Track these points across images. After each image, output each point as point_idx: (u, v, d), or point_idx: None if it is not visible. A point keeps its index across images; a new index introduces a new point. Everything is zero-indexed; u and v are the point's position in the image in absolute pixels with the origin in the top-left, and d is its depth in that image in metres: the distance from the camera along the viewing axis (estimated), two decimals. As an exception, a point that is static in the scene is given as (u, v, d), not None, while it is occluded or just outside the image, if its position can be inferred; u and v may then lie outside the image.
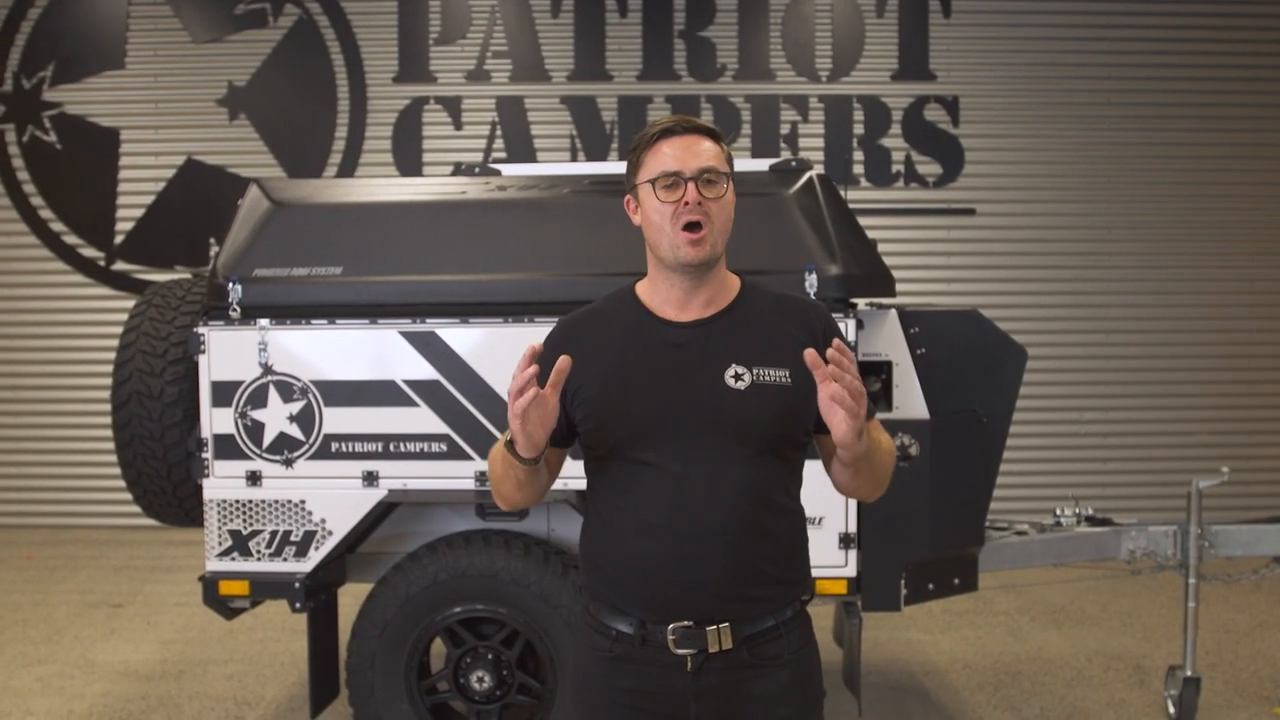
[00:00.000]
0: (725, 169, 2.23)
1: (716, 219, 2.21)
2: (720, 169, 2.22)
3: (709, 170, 2.20)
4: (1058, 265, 9.11)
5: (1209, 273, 9.11)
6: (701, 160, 2.20)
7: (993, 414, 4.37)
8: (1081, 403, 9.12)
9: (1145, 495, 8.77)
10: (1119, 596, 6.93)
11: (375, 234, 4.15)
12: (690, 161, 2.19)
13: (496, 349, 4.02)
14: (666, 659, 2.21)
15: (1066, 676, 5.55)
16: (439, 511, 4.39)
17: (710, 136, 2.25)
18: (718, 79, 9.18)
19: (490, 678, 4.14)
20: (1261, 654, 5.89)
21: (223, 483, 4.07)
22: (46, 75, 9.25)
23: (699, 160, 2.19)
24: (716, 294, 2.29)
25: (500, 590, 4.06)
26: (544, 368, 2.28)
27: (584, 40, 9.21)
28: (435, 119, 9.24)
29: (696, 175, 2.19)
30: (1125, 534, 4.84)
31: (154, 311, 4.29)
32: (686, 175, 2.19)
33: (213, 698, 5.29)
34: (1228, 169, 9.08)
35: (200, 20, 9.24)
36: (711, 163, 2.20)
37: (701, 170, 2.19)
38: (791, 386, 2.23)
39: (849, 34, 9.15)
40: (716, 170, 2.21)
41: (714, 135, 2.26)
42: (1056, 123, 9.10)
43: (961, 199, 9.13)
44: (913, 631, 6.27)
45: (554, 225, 4.17)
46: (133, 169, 9.29)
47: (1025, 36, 9.10)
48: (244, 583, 4.11)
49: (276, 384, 4.04)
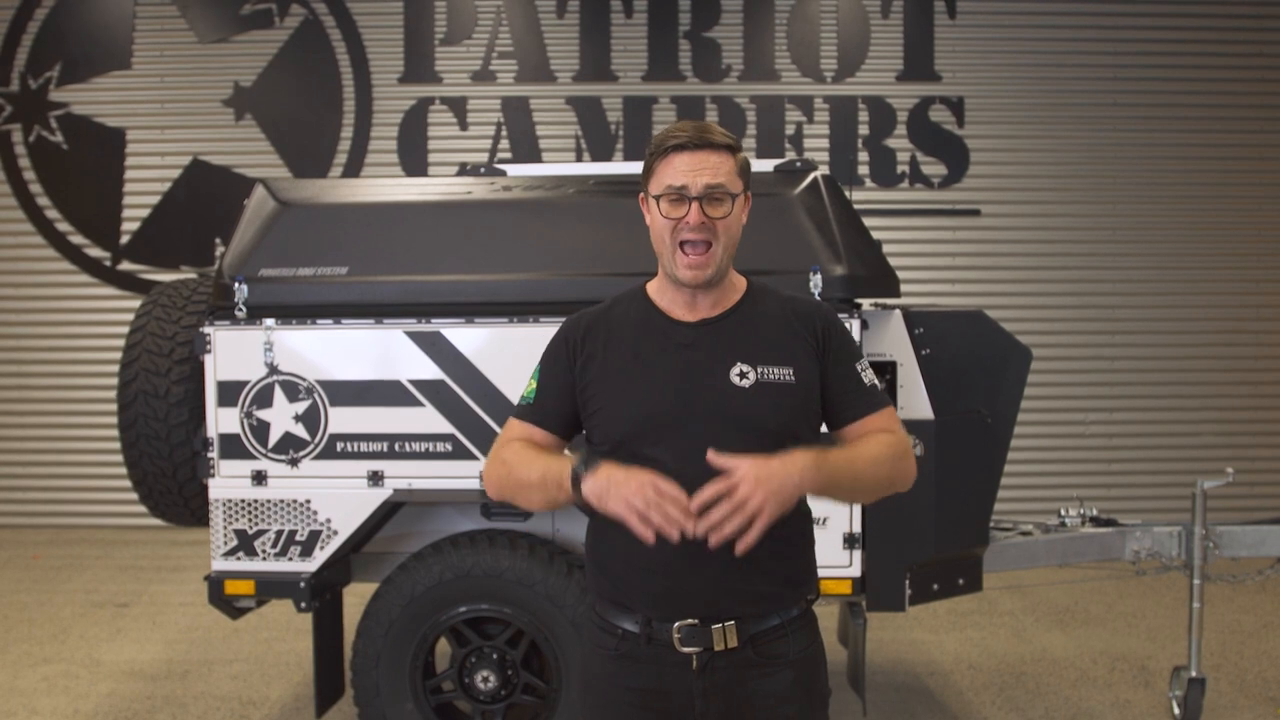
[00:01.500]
0: (735, 188, 2.23)
1: (721, 236, 2.22)
2: (729, 188, 2.22)
3: (716, 188, 2.20)
4: (1063, 266, 9.10)
5: (1214, 274, 9.10)
6: (709, 178, 2.20)
7: (997, 414, 4.38)
8: (1086, 403, 9.11)
9: (1150, 496, 8.76)
10: (1124, 597, 6.93)
11: (381, 234, 4.15)
12: (698, 179, 2.20)
13: (502, 349, 4.02)
14: (672, 657, 2.22)
15: (1071, 677, 5.55)
16: (444, 511, 4.40)
17: (725, 150, 2.23)
18: (723, 80, 9.18)
19: (495, 678, 4.14)
20: (1266, 655, 5.88)
21: (228, 482, 4.08)
22: (53, 75, 9.27)
23: (706, 178, 2.20)
24: (723, 295, 2.32)
25: (505, 590, 4.06)
26: (555, 358, 2.33)
27: (589, 41, 9.21)
28: (441, 119, 9.24)
29: (702, 194, 2.19)
30: (1130, 535, 4.84)
31: (160, 311, 4.30)
32: (692, 194, 2.19)
33: (218, 697, 5.30)
34: (1233, 170, 9.07)
35: (206, 21, 9.26)
36: (720, 180, 2.21)
37: (708, 189, 2.20)
38: (795, 384, 2.25)
39: (854, 35, 9.15)
40: (725, 189, 2.21)
41: (729, 148, 2.25)
42: (1062, 124, 9.09)
43: (966, 200, 9.12)
44: (917, 632, 6.26)
45: (559, 225, 4.18)
46: (139, 169, 9.30)
47: (1031, 37, 9.09)
48: (249, 582, 4.12)
49: (282, 384, 4.04)
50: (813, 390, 2.28)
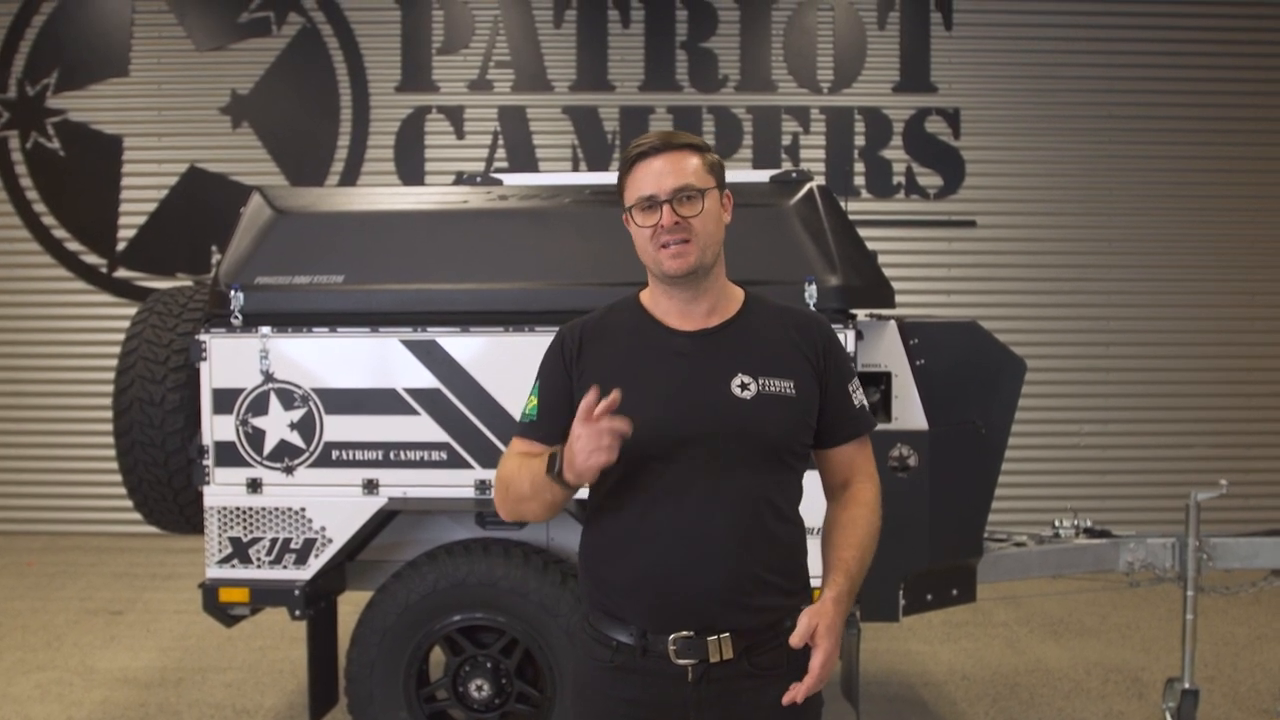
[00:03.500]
0: (704, 184, 2.24)
1: (700, 232, 2.22)
2: (697, 185, 2.23)
3: (684, 189, 2.21)
4: (1057, 278, 9.12)
5: (1208, 286, 9.12)
6: (675, 180, 2.21)
7: (991, 425, 4.39)
8: (1080, 414, 9.12)
9: (1144, 507, 8.76)
10: (1117, 608, 6.93)
11: (377, 243, 4.16)
12: (664, 183, 2.21)
13: (497, 358, 4.02)
14: (668, 669, 2.22)
15: (1065, 688, 5.55)
16: (439, 520, 4.40)
17: (688, 150, 2.25)
18: (719, 90, 9.20)
19: (489, 686, 4.14)
20: (1260, 666, 5.89)
21: (223, 490, 4.08)
22: (50, 82, 9.27)
23: (673, 180, 2.21)
24: (718, 304, 2.32)
25: (499, 599, 4.06)
26: (552, 371, 2.33)
27: (586, 51, 9.23)
28: (437, 128, 9.26)
29: (671, 196, 2.21)
30: (1124, 546, 4.84)
31: (156, 319, 4.30)
32: (661, 198, 2.21)
33: (212, 705, 5.30)
34: (1228, 182, 9.10)
35: (204, 28, 9.27)
36: (687, 180, 2.22)
37: (676, 190, 2.21)
38: (795, 397, 2.26)
39: (850, 46, 9.18)
40: (693, 187, 2.22)
41: (693, 148, 2.26)
42: (1057, 135, 9.12)
43: (962, 211, 9.14)
44: (911, 642, 6.27)
45: (555, 235, 4.19)
46: (136, 176, 9.31)
47: (1027, 49, 9.12)
48: (244, 590, 4.11)
49: (278, 391, 4.05)
50: (812, 404, 2.30)
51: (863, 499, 2.36)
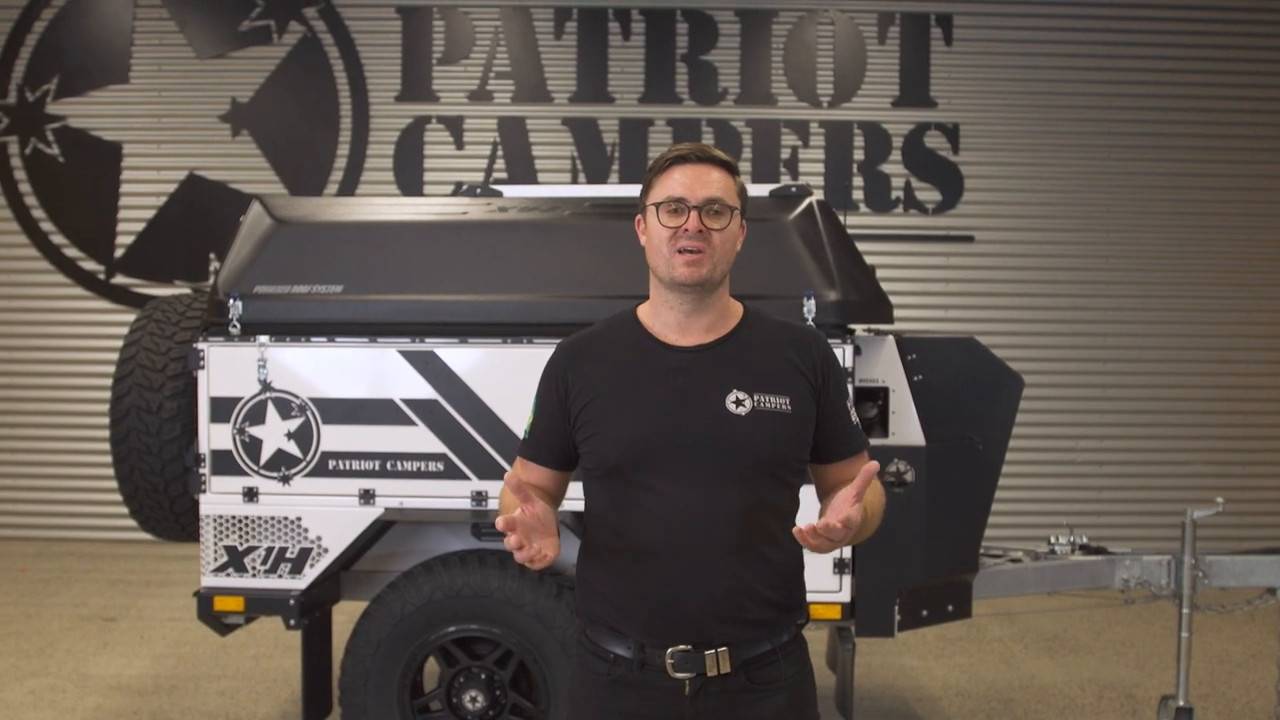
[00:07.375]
0: (733, 202, 2.26)
1: (718, 248, 2.23)
2: (728, 201, 2.24)
3: (715, 201, 2.22)
4: (1056, 294, 9.13)
5: (1206, 302, 9.14)
6: (709, 190, 2.22)
7: (989, 441, 4.39)
8: (1077, 431, 9.13)
9: (1140, 524, 8.77)
10: (1113, 625, 6.93)
11: (376, 253, 4.16)
12: (698, 190, 2.22)
13: (495, 370, 4.02)
14: (665, 683, 2.22)
15: (1059, 705, 5.55)
16: (434, 530, 4.40)
17: (724, 168, 2.27)
18: (719, 103, 9.22)
19: (483, 698, 4.13)
20: (1255, 685, 5.89)
21: (219, 498, 4.08)
22: (50, 88, 9.28)
23: (706, 190, 2.22)
24: (718, 320, 2.32)
25: (494, 610, 4.05)
26: (547, 391, 2.33)
27: (586, 62, 9.25)
28: (437, 138, 9.27)
29: (701, 205, 2.21)
30: (1119, 563, 4.85)
31: (154, 326, 4.30)
32: (691, 203, 2.21)
33: (205, 714, 5.28)
34: (1226, 199, 9.13)
35: (204, 36, 9.29)
36: (719, 194, 2.23)
37: (707, 200, 2.22)
38: (791, 414, 2.26)
39: (850, 60, 9.20)
40: (723, 202, 2.23)
41: (728, 167, 2.28)
42: (1056, 151, 9.15)
43: (960, 226, 9.16)
44: (906, 657, 6.26)
45: (554, 247, 4.19)
46: (135, 183, 9.31)
47: (1026, 65, 9.15)
48: (239, 599, 4.11)
49: (275, 401, 4.05)
50: (808, 421, 2.29)
51: (880, 491, 2.32)
